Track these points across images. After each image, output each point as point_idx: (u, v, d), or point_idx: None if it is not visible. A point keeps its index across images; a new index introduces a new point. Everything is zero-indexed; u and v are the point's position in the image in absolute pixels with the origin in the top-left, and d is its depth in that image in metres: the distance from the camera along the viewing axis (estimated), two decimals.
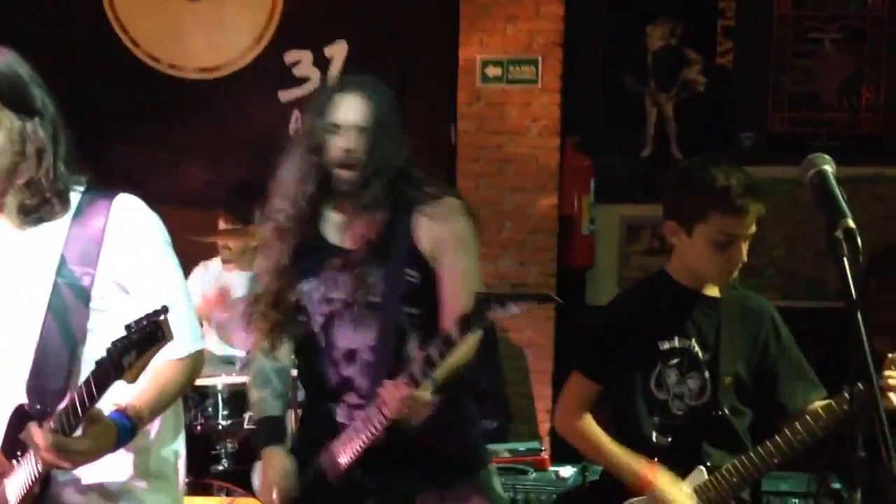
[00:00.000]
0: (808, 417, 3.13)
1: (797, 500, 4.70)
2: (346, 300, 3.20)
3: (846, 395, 3.00)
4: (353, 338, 3.22)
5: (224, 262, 6.44)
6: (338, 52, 7.52)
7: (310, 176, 3.17)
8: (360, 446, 3.10)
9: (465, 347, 2.98)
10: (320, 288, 3.24)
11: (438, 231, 3.19)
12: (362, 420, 3.11)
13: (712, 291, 3.33)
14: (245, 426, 5.62)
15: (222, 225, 6.45)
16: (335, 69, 7.47)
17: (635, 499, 3.26)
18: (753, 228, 3.16)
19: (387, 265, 3.18)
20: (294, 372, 3.62)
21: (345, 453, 3.15)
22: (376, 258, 3.18)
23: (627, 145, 7.79)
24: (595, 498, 3.61)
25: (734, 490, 3.21)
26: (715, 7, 7.72)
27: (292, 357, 3.46)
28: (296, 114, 7.44)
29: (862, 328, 2.06)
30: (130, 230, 2.68)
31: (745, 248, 3.17)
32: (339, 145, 3.12)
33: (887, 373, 3.01)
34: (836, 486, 4.43)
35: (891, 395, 2.99)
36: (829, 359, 3.31)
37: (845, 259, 2.09)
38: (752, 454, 3.19)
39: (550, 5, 7.28)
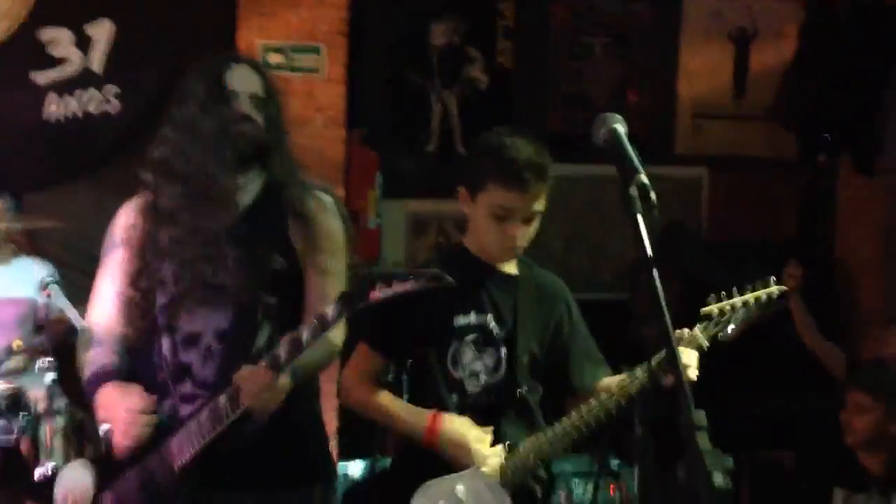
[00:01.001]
0: (602, 394, 2.18)
1: (578, 480, 3.51)
2: (196, 279, 1.96)
3: (641, 368, 2.13)
4: (198, 321, 1.99)
5: None
6: (101, 31, 4.45)
7: (216, 153, 1.98)
8: (202, 442, 1.89)
9: (336, 337, 1.97)
10: (167, 265, 1.99)
11: (310, 227, 2.06)
12: (209, 412, 1.89)
13: (509, 268, 2.26)
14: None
15: None
16: (98, 51, 4.46)
17: (431, 481, 2.12)
18: (537, 208, 2.13)
19: (251, 248, 1.98)
20: None
21: (182, 452, 1.91)
22: (240, 239, 1.97)
23: (413, 141, 5.22)
24: (388, 486, 2.35)
25: (531, 468, 2.19)
26: (495, 7, 5.27)
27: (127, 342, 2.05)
28: (52, 97, 4.41)
29: (658, 284, 1.40)
30: None
31: (527, 228, 2.15)
32: (236, 107, 2.01)
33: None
34: (616, 463, 3.49)
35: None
36: (605, 350, 2.37)
37: (639, 215, 1.42)
38: (549, 432, 2.17)
39: None
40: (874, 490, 2.94)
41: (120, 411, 1.94)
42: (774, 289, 2.21)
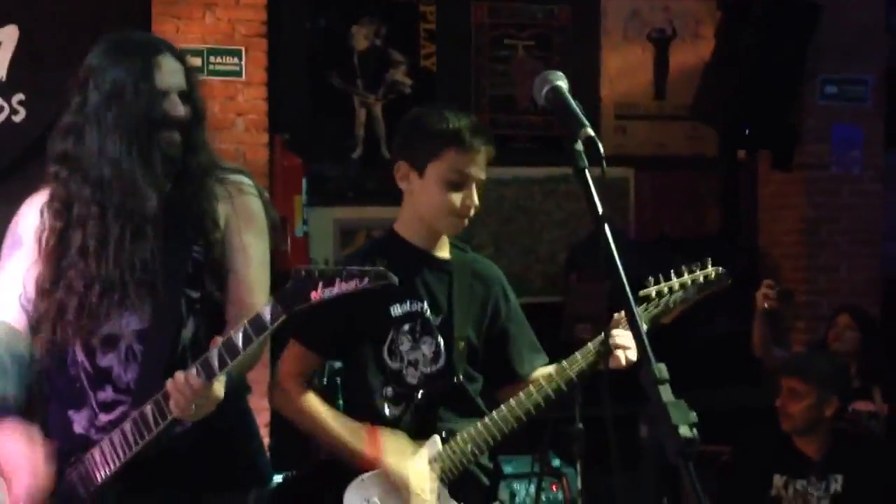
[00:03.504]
0: (540, 380, 2.12)
1: (519, 485, 3.48)
2: (109, 277, 1.80)
3: (580, 353, 2.11)
4: (115, 322, 1.83)
5: None
6: (7, 36, 4.26)
7: (137, 150, 1.83)
8: (126, 455, 1.76)
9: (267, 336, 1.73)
10: (79, 264, 1.80)
11: (229, 208, 1.91)
12: (133, 422, 1.75)
13: (443, 253, 2.18)
14: None
15: None
16: (4, 57, 4.24)
17: (366, 474, 2.04)
18: (483, 175, 2.09)
19: (168, 240, 1.83)
20: None
21: (105, 464, 1.78)
22: (153, 231, 1.82)
23: (337, 146, 5.16)
24: (316, 483, 2.19)
25: (470, 457, 2.09)
26: (417, 11, 5.23)
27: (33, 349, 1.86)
28: None
29: (611, 240, 1.34)
30: None
31: (476, 195, 2.07)
32: (169, 111, 1.87)
33: (614, 332, 2.05)
34: (556, 463, 3.49)
35: (618, 352, 2.03)
36: None
37: (586, 171, 1.38)
38: (487, 420, 2.10)
39: None
40: (812, 475, 2.97)
41: (21, 462, 1.76)
42: (711, 270, 2.21)
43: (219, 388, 1.74)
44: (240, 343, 1.69)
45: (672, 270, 2.19)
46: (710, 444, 4.19)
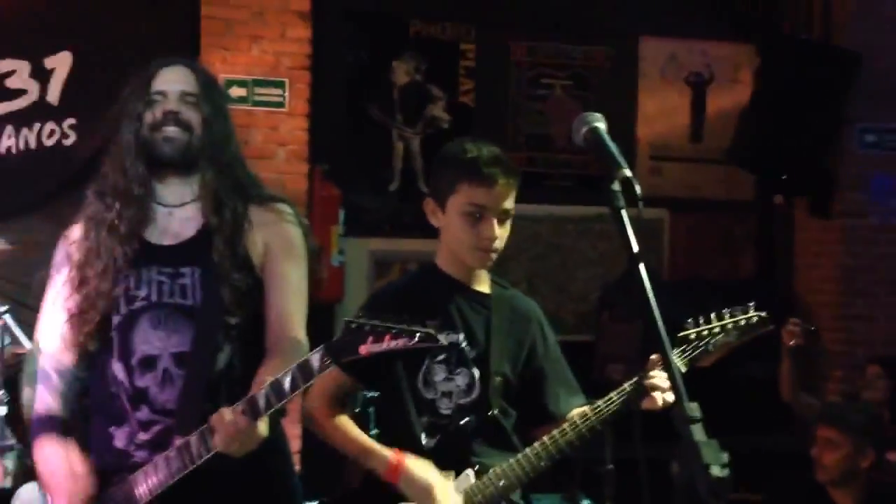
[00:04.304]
0: (575, 419, 2.09)
1: None
2: (150, 299, 1.87)
3: (615, 392, 2.08)
4: (154, 343, 1.88)
5: None
6: (61, 63, 4.37)
7: (137, 154, 1.90)
8: (168, 479, 1.80)
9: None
10: (122, 284, 1.88)
11: (269, 236, 1.94)
12: (178, 451, 1.79)
13: (482, 287, 2.18)
14: None
15: None
16: (57, 82, 4.37)
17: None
18: (507, 206, 2.07)
19: (208, 266, 1.88)
20: None
21: (147, 487, 1.82)
22: (196, 256, 1.88)
23: (375, 179, 5.20)
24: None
25: (503, 493, 2.09)
26: (457, 48, 5.30)
27: (77, 366, 1.94)
28: (8, 130, 4.32)
29: (645, 278, 1.35)
30: None
31: (501, 228, 2.07)
32: (161, 109, 1.90)
33: (651, 373, 2.02)
34: (586, 503, 3.33)
35: (654, 394, 2.01)
36: None
37: (623, 211, 1.40)
38: (520, 457, 2.08)
39: (296, 28, 4.52)
40: None
41: (62, 479, 1.85)
42: (754, 314, 2.18)
43: (263, 427, 1.77)
44: (287, 387, 1.73)
45: (713, 313, 2.16)
46: (741, 492, 4.15)
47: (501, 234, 2.10)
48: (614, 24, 5.36)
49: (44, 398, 1.93)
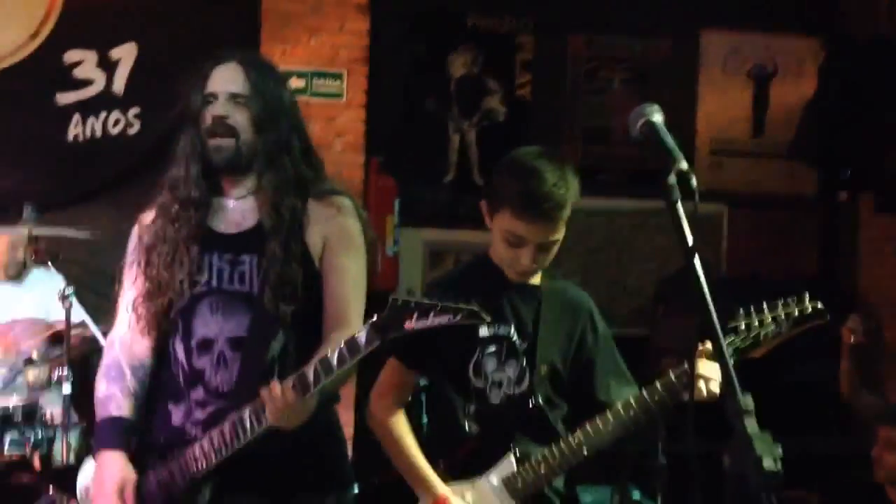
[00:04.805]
0: (619, 408, 2.08)
1: None
2: (211, 285, 1.96)
3: (660, 381, 2.04)
4: (212, 326, 1.96)
5: None
6: (126, 54, 4.49)
7: (193, 156, 1.97)
8: (223, 453, 1.87)
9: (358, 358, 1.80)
10: (185, 270, 1.95)
11: (329, 229, 1.98)
12: (232, 424, 1.86)
13: (533, 279, 2.17)
14: (5, 453, 3.12)
15: None
16: (122, 73, 4.49)
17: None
18: (552, 238, 2.06)
19: (267, 254, 1.92)
20: None
21: (203, 460, 1.89)
22: (256, 245, 1.94)
23: (430, 170, 5.20)
24: (395, 495, 2.24)
25: (543, 480, 2.10)
26: (514, 41, 5.27)
27: (150, 355, 2.03)
28: (76, 118, 4.44)
29: (700, 272, 1.35)
30: None
31: (542, 253, 2.08)
32: (210, 113, 1.95)
33: (698, 362, 1.98)
34: (636, 496, 3.33)
35: (700, 383, 1.99)
36: None
37: (678, 205, 1.39)
38: (562, 444, 2.09)
39: (356, 21, 4.58)
40: None
41: (108, 491, 1.92)
42: (808, 305, 2.13)
43: (311, 401, 1.83)
44: (335, 363, 1.78)
45: (765, 303, 2.11)
46: (796, 490, 4.08)
47: (541, 260, 2.10)
48: (675, 16, 5.29)
49: (117, 398, 2.01)
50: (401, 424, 2.21)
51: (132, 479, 1.93)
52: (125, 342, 2.03)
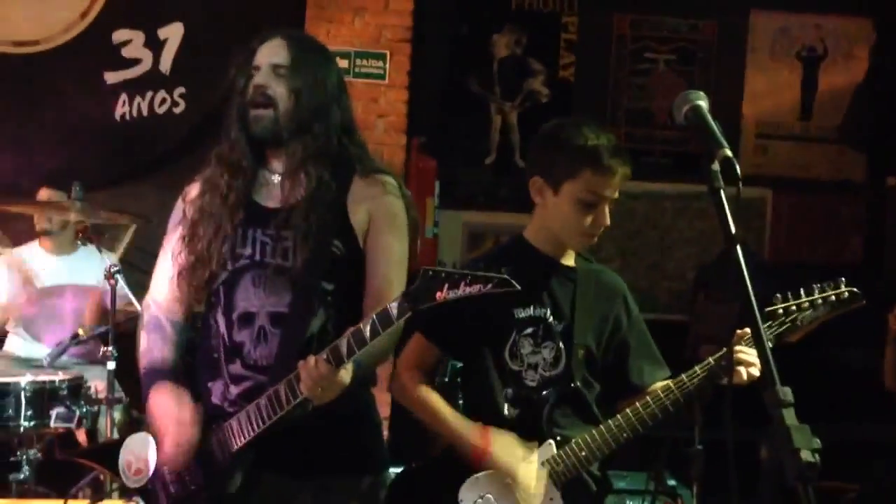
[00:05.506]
0: (658, 392, 2.10)
1: (632, 502, 3.37)
2: (254, 258, 1.94)
3: (699, 366, 2.06)
4: (253, 300, 1.94)
5: (42, 234, 3.94)
6: (173, 34, 4.54)
7: (240, 126, 1.96)
8: (260, 427, 1.88)
9: (396, 330, 1.81)
10: (229, 243, 1.95)
11: (373, 207, 1.96)
12: (268, 398, 1.86)
13: (568, 261, 2.20)
14: (52, 426, 3.16)
15: (45, 195, 3.93)
16: (169, 52, 4.54)
17: (481, 474, 2.11)
18: (617, 194, 2.11)
19: (311, 230, 1.90)
20: None
21: (241, 434, 1.90)
22: (299, 221, 1.91)
23: (472, 152, 5.22)
24: (433, 478, 2.23)
25: (583, 464, 2.12)
26: (558, 21, 5.23)
27: (186, 320, 2.06)
28: (123, 97, 4.51)
29: (742, 262, 1.33)
30: None
31: (607, 215, 2.11)
32: (253, 83, 1.94)
33: (737, 347, 2.02)
34: (672, 483, 3.32)
35: (739, 368, 2.00)
36: None
37: (722, 191, 1.37)
38: (602, 429, 2.11)
39: (399, 1, 4.56)
40: None
41: (171, 423, 1.92)
42: (845, 290, 2.12)
43: (345, 374, 1.81)
44: (367, 334, 1.77)
45: (802, 288, 2.11)
46: (836, 480, 4.04)
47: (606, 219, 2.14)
48: None
49: (158, 346, 2.02)
50: (428, 390, 2.20)
51: (191, 407, 1.93)
52: (161, 304, 2.05)
